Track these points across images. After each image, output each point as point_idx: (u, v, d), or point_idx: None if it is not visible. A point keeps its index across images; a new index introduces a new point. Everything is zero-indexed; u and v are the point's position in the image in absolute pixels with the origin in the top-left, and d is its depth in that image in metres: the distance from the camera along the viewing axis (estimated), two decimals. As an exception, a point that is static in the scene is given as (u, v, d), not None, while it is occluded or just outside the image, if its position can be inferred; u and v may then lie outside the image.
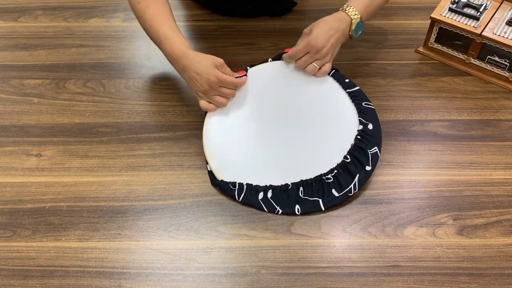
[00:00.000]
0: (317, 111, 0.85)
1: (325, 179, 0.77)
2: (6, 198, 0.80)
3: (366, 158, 0.79)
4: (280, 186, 0.78)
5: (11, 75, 1.00)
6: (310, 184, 0.77)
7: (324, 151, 0.81)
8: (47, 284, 0.70)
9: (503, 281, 0.70)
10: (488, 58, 0.96)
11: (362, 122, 0.82)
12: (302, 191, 0.77)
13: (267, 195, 0.77)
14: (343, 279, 0.70)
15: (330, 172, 0.78)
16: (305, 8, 1.14)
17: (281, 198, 0.77)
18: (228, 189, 0.78)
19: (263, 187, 0.78)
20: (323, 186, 0.77)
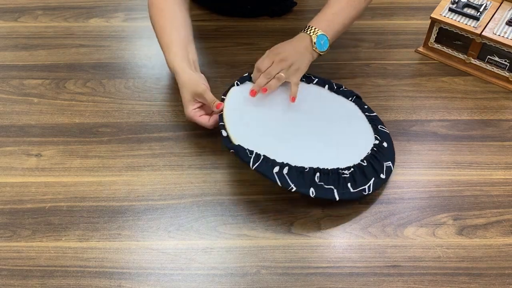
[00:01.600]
0: (335, 122, 0.86)
1: (341, 173, 0.77)
2: (6, 198, 0.80)
3: (381, 168, 0.80)
4: (296, 166, 0.75)
5: (11, 75, 1.00)
6: (327, 173, 0.76)
7: (342, 151, 0.81)
8: (47, 284, 0.70)
9: (503, 281, 0.70)
10: (488, 58, 0.96)
11: (377, 139, 0.83)
12: (318, 177, 0.75)
13: (283, 171, 0.74)
14: (343, 279, 0.70)
15: (347, 168, 0.77)
16: (305, 8, 1.14)
17: (297, 178, 0.74)
18: (244, 155, 0.75)
19: (280, 162, 0.75)
20: (339, 178, 0.76)
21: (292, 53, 0.85)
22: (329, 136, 0.83)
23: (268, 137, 0.80)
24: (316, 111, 0.87)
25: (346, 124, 0.86)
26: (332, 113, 0.88)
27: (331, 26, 0.87)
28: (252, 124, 0.81)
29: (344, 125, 0.86)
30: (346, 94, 0.91)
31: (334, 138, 0.83)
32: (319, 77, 0.92)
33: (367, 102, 0.92)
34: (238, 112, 0.81)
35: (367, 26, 1.09)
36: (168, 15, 0.88)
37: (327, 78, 0.93)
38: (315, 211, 0.78)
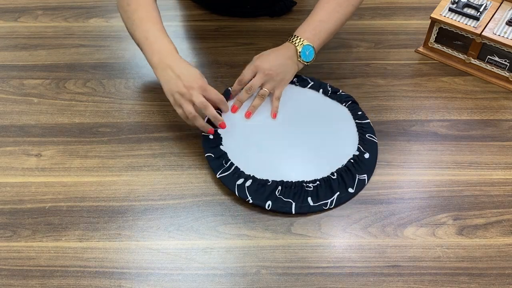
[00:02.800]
0: (320, 130, 0.86)
1: (305, 186, 0.78)
2: (6, 198, 0.80)
3: (352, 181, 0.79)
4: (260, 179, 0.78)
5: (11, 75, 1.00)
6: (289, 186, 0.77)
7: (314, 163, 0.81)
8: (47, 284, 0.70)
9: (503, 281, 0.70)
10: (488, 58, 0.96)
11: (360, 149, 0.83)
12: (279, 190, 0.77)
13: (246, 183, 0.78)
14: (343, 279, 0.70)
15: (312, 182, 0.78)
16: (305, 8, 1.14)
17: (257, 190, 0.77)
18: (218, 164, 0.80)
19: (246, 175, 0.78)
20: (301, 191, 0.77)
21: (276, 64, 0.84)
22: (310, 147, 0.83)
23: (250, 146, 0.83)
24: (305, 119, 0.87)
25: (331, 133, 0.86)
26: (320, 120, 0.87)
27: (317, 35, 0.86)
28: (236, 131, 0.83)
29: (329, 135, 0.85)
30: (341, 99, 0.90)
31: (314, 148, 0.83)
32: (315, 80, 0.93)
33: (367, 102, 0.92)
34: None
35: (367, 26, 1.09)
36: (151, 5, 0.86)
37: (323, 81, 0.93)
38: (315, 211, 0.78)
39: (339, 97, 0.91)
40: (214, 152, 0.81)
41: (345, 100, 0.90)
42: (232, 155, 0.81)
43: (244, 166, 0.80)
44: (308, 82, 0.92)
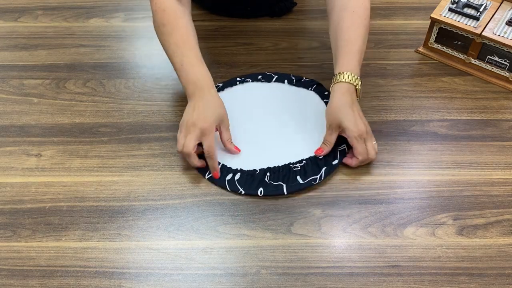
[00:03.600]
0: (296, 117, 0.90)
1: (293, 167, 0.81)
2: (6, 198, 0.80)
3: (334, 153, 0.83)
4: (248, 170, 0.81)
5: (11, 75, 1.00)
6: (277, 171, 0.81)
7: (296, 146, 0.85)
8: (47, 284, 0.70)
9: (503, 281, 0.70)
10: (488, 58, 0.96)
11: None
12: (268, 176, 0.80)
13: (235, 177, 0.80)
14: (343, 279, 0.70)
15: (299, 162, 0.82)
16: (305, 8, 1.14)
17: (246, 181, 0.80)
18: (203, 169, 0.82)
19: (234, 169, 0.81)
20: (289, 172, 0.80)
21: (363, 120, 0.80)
22: (289, 133, 0.87)
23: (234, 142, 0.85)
24: (279, 109, 0.91)
25: (306, 117, 0.89)
26: (293, 108, 0.91)
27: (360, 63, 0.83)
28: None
29: (302, 118, 0.89)
30: (306, 85, 0.94)
31: (292, 134, 0.87)
32: (278, 73, 0.97)
33: (367, 102, 0.92)
34: None
35: (367, 26, 1.09)
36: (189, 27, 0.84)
37: (286, 73, 0.97)
38: (315, 211, 0.78)
39: (304, 83, 0.95)
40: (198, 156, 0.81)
41: (310, 85, 0.95)
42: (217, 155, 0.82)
43: (230, 162, 0.82)
44: (272, 76, 0.96)
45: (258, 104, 0.92)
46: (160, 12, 0.84)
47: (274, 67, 0.99)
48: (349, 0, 0.86)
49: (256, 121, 0.89)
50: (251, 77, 0.96)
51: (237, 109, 0.89)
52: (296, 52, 1.04)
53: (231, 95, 0.93)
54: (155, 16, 0.85)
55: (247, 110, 0.90)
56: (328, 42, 1.03)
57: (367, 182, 0.81)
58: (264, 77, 0.96)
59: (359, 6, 0.85)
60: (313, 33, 1.08)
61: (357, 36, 0.83)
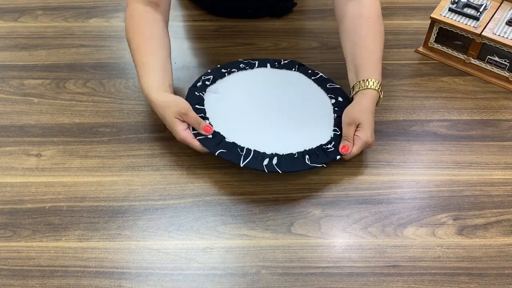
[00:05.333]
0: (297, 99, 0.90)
1: (326, 148, 0.80)
2: (6, 198, 0.80)
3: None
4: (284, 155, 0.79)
5: (11, 75, 1.00)
6: (314, 154, 0.80)
7: (315, 126, 0.85)
8: (47, 284, 0.70)
9: (503, 281, 0.70)
10: (488, 58, 0.96)
11: (332, 97, 0.89)
12: (308, 159, 0.79)
13: (273, 161, 0.78)
14: (343, 279, 0.70)
15: (328, 142, 0.81)
16: (305, 8, 1.14)
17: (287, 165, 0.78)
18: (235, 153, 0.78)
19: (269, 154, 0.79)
20: (326, 154, 0.80)
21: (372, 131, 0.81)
22: (296, 114, 0.87)
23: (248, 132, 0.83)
24: (274, 92, 0.90)
25: (302, 96, 0.90)
26: (286, 89, 0.91)
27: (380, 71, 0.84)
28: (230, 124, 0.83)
29: (301, 98, 0.90)
30: (288, 66, 0.95)
31: (297, 118, 0.86)
32: (259, 59, 0.96)
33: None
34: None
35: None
36: (147, 34, 0.84)
37: (268, 58, 0.96)
38: (315, 211, 0.78)
39: (285, 65, 0.95)
40: (223, 146, 0.79)
41: (292, 66, 0.95)
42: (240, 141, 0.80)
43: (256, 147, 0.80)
44: (252, 63, 0.95)
45: (257, 91, 0.90)
46: (128, 18, 0.86)
47: (274, 67, 1.00)
48: (362, 7, 0.86)
49: (264, 107, 0.87)
50: (235, 66, 0.94)
51: (240, 99, 0.88)
52: (296, 52, 1.04)
53: (226, 86, 0.90)
54: (125, 21, 0.87)
55: (251, 98, 0.89)
56: (328, 42, 1.04)
57: (367, 182, 0.81)
58: (246, 65, 0.94)
59: (372, 13, 0.86)
60: (313, 33, 1.08)
61: (377, 43, 0.85)
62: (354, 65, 0.84)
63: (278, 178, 0.82)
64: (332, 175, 0.82)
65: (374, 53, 0.84)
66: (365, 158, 0.84)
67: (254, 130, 0.83)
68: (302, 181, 0.81)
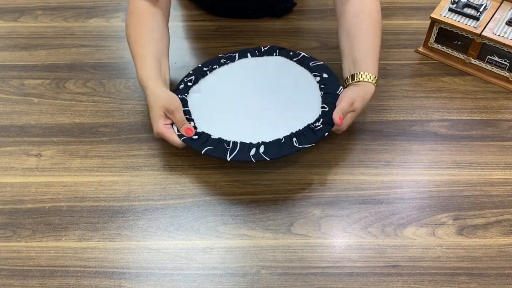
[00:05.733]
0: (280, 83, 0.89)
1: (314, 127, 0.79)
2: (6, 198, 0.80)
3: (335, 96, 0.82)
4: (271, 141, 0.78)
5: (11, 75, 1.00)
6: (302, 135, 0.78)
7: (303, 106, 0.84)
8: (47, 284, 0.70)
9: (503, 281, 0.70)
10: (488, 58, 0.96)
11: (316, 75, 0.88)
12: (296, 141, 0.77)
13: (260, 150, 0.77)
14: (343, 279, 0.70)
15: (317, 120, 0.80)
16: (305, 8, 1.14)
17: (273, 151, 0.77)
18: (222, 148, 0.78)
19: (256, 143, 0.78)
20: (314, 133, 0.78)
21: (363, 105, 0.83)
22: (281, 99, 0.86)
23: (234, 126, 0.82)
24: (257, 81, 0.90)
25: (285, 79, 0.89)
26: (269, 75, 0.91)
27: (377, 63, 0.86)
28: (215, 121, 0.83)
29: (285, 81, 0.89)
30: (269, 52, 0.94)
31: (284, 102, 0.85)
32: (239, 50, 0.96)
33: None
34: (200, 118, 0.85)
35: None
36: (146, 27, 0.86)
37: (248, 48, 0.96)
38: (315, 211, 0.78)
39: (266, 52, 0.94)
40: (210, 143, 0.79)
41: (273, 51, 0.94)
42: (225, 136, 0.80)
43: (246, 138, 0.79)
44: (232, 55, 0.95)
45: (240, 83, 0.90)
46: (129, 14, 0.88)
47: (274, 67, 1.00)
48: (363, 4, 0.87)
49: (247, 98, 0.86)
50: (215, 62, 0.94)
51: (223, 94, 0.88)
52: (296, 52, 1.04)
53: (209, 85, 0.90)
54: (126, 18, 0.89)
55: (234, 91, 0.88)
56: (328, 42, 1.04)
57: (367, 182, 0.81)
58: (227, 59, 0.94)
59: (373, 10, 0.87)
60: (313, 33, 1.08)
61: (376, 40, 0.86)
62: (353, 58, 0.85)
63: (278, 178, 0.82)
64: (332, 175, 0.82)
65: (374, 49, 0.86)
66: (365, 158, 0.84)
67: (241, 123, 0.83)
68: (302, 181, 0.81)
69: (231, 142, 0.79)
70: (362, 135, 0.88)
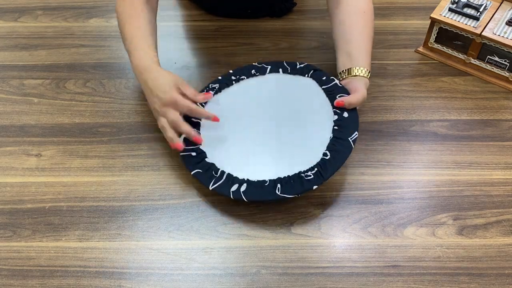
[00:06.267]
0: (297, 109, 0.85)
1: (304, 176, 0.75)
2: (6, 198, 0.80)
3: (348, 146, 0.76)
4: (256, 181, 0.76)
5: (11, 75, 1.00)
6: (289, 181, 0.75)
7: (304, 148, 0.79)
8: (47, 284, 0.70)
9: (503, 281, 0.70)
10: (488, 58, 0.96)
11: (336, 112, 0.81)
12: (279, 188, 0.74)
13: (241, 189, 0.76)
14: (343, 279, 0.70)
15: (310, 169, 0.75)
16: (305, 8, 1.14)
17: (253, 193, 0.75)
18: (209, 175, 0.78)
19: (241, 179, 0.77)
20: (302, 183, 0.74)
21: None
22: (289, 133, 0.82)
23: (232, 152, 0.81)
24: (276, 106, 0.86)
25: (304, 110, 0.84)
26: (289, 100, 0.86)
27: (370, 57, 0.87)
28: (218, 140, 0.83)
29: (303, 112, 0.84)
30: (302, 71, 0.89)
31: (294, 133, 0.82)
32: (271, 62, 0.92)
33: (367, 102, 0.91)
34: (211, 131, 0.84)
35: (367, 26, 1.09)
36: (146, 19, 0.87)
37: (279, 61, 0.92)
38: (315, 211, 0.78)
39: (299, 70, 0.90)
40: (201, 167, 0.79)
41: (306, 71, 0.89)
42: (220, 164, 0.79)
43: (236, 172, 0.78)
44: (265, 67, 0.91)
45: (258, 103, 0.88)
46: (120, 1, 0.89)
47: (274, 67, 0.99)
48: (358, 2, 0.89)
49: (258, 123, 0.84)
50: (245, 73, 0.91)
51: (237, 112, 0.86)
52: (296, 52, 1.04)
53: (229, 97, 0.89)
54: (116, 3, 0.90)
55: (248, 112, 0.86)
56: (328, 42, 1.04)
57: (367, 182, 0.81)
58: (258, 70, 0.91)
59: (367, 8, 0.90)
60: (313, 33, 1.08)
61: (370, 37, 0.88)
62: (348, 53, 0.86)
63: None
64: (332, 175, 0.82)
65: (366, 45, 0.87)
66: (365, 158, 0.84)
67: (244, 147, 0.81)
68: (302, 181, 0.81)
69: (219, 171, 0.78)
70: (362, 135, 0.87)
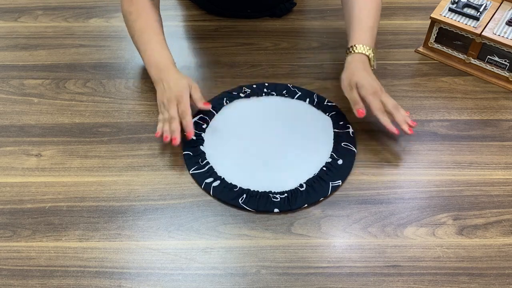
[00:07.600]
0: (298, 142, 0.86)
1: (272, 197, 0.78)
2: (6, 198, 0.80)
3: (326, 190, 0.79)
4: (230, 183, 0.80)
5: (11, 75, 1.00)
6: (255, 196, 0.77)
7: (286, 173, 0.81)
8: (47, 284, 0.70)
9: (503, 281, 0.70)
10: (488, 58, 0.96)
11: (332, 156, 0.83)
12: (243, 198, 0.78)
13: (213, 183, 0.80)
14: (343, 279, 0.70)
15: (280, 193, 0.78)
16: (305, 8, 1.14)
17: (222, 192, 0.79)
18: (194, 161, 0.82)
19: (218, 176, 0.81)
20: (266, 201, 0.77)
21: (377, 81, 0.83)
22: (284, 157, 0.84)
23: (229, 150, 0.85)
24: (287, 129, 0.88)
25: (308, 144, 0.85)
26: (300, 131, 0.88)
27: (373, 37, 0.88)
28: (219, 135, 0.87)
29: (305, 145, 0.85)
30: (325, 109, 0.90)
31: (288, 158, 0.83)
32: (303, 90, 0.93)
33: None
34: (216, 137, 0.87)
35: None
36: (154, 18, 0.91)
37: (312, 91, 0.93)
38: (315, 211, 0.78)
39: (324, 107, 0.91)
40: (193, 150, 0.84)
41: (329, 110, 0.90)
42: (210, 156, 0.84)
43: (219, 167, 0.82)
44: (296, 92, 0.93)
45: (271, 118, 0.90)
46: (128, 1, 0.91)
47: (274, 67, 0.99)
48: None
49: (261, 135, 0.86)
50: (277, 90, 0.93)
51: (254, 122, 0.89)
52: (296, 52, 1.04)
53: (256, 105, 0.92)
54: (123, 4, 0.92)
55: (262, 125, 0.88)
56: (328, 42, 1.04)
57: (367, 182, 0.81)
58: (289, 93, 0.93)
59: None
60: (313, 33, 1.08)
61: (370, 14, 0.89)
62: (348, 35, 0.89)
63: (278, 178, 0.81)
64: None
65: (365, 22, 0.88)
66: (365, 158, 0.84)
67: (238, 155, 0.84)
68: (302, 181, 0.81)
69: (205, 162, 0.82)
70: (363, 135, 0.88)
